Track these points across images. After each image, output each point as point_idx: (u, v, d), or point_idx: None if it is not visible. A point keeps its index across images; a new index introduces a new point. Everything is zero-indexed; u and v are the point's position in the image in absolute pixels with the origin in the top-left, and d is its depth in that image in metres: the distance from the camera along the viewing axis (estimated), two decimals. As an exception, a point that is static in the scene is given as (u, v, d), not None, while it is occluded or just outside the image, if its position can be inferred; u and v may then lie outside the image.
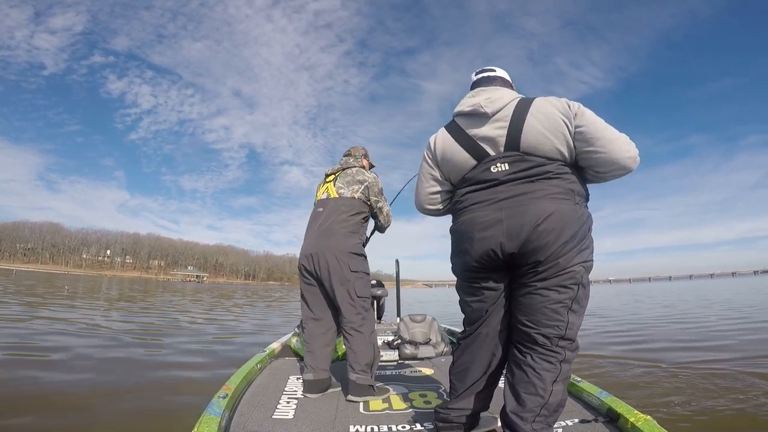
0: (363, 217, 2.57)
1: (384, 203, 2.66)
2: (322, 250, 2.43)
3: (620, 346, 5.84)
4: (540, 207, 1.41)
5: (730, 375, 3.90)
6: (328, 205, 2.54)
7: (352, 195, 2.53)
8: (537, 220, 1.39)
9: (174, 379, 4.02)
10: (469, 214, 1.55)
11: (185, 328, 8.05)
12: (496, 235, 1.45)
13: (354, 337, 2.42)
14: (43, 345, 5.18)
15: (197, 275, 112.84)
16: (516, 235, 1.42)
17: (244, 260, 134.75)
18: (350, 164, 2.66)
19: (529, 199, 1.43)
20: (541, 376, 1.42)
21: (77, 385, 3.63)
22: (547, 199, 1.42)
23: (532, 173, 1.45)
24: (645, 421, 1.69)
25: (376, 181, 2.62)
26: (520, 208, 1.43)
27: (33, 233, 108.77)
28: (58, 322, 7.44)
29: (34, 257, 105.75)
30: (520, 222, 1.41)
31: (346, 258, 2.43)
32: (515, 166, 1.47)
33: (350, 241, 2.47)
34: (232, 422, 1.92)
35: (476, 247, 1.51)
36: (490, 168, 1.51)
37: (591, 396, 2.10)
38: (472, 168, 1.57)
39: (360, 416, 2.07)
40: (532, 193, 1.44)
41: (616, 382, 3.84)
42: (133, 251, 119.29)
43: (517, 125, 1.48)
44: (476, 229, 1.50)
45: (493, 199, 1.49)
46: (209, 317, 10.72)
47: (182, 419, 2.64)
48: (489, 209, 1.49)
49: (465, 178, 1.60)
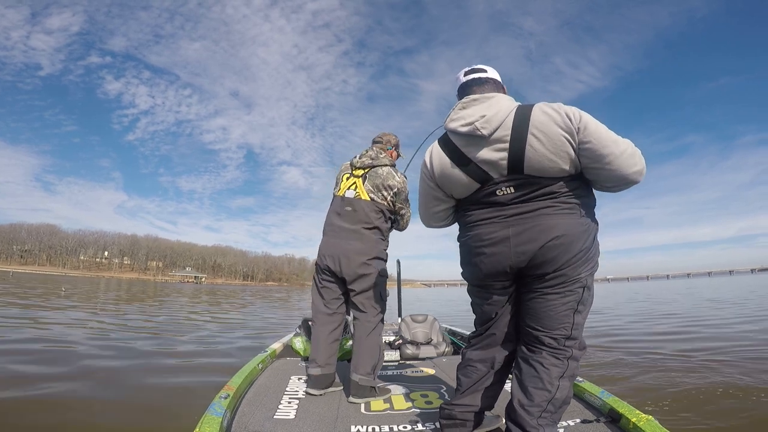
0: (391, 223, 2.61)
1: (407, 210, 2.63)
2: (350, 251, 2.42)
3: (629, 344, 5.85)
4: (547, 224, 1.43)
5: (736, 375, 3.86)
6: (359, 207, 2.48)
7: (383, 200, 2.50)
8: (545, 238, 1.42)
9: (174, 380, 4.01)
10: (477, 230, 1.58)
11: (185, 328, 8.03)
12: (504, 252, 1.49)
13: (367, 337, 2.43)
14: (40, 347, 5.15)
15: (195, 276, 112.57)
16: (524, 252, 1.45)
17: (243, 261, 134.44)
18: (381, 161, 2.54)
19: (536, 216, 1.45)
20: (549, 371, 1.47)
21: (77, 385, 3.62)
22: (554, 215, 1.44)
23: (539, 194, 1.46)
24: (647, 421, 1.70)
25: (405, 187, 2.57)
26: (527, 225, 1.45)
27: (30, 235, 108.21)
28: (56, 325, 7.40)
29: (31, 259, 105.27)
30: (528, 239, 1.44)
31: (374, 263, 2.46)
32: (521, 189, 1.47)
33: (378, 246, 2.50)
34: (233, 422, 1.92)
35: (486, 261, 1.55)
36: (495, 191, 1.52)
37: (593, 396, 2.10)
38: (476, 190, 1.57)
39: (361, 416, 2.07)
40: (539, 210, 1.46)
41: (616, 382, 3.83)
42: (130, 252, 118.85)
43: (519, 146, 1.44)
44: (485, 245, 1.54)
45: (500, 216, 1.51)
46: (211, 317, 10.71)
47: (183, 419, 2.65)
48: (496, 226, 1.52)
49: (469, 198, 1.61)
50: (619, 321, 9.28)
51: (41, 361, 4.39)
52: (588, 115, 1.44)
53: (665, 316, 9.85)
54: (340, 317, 2.56)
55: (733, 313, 9.75)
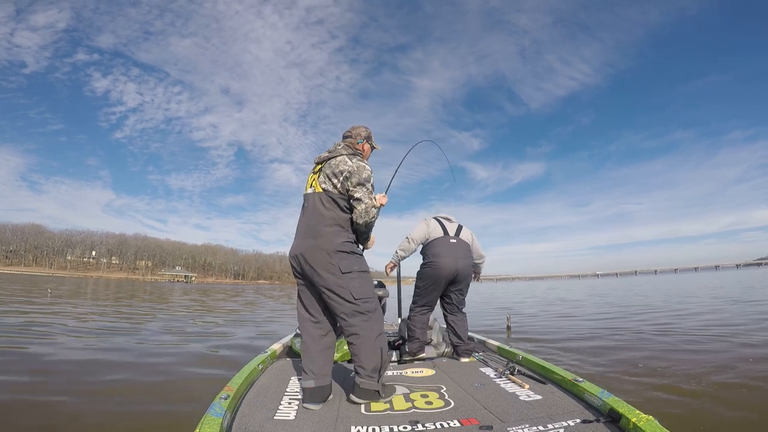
0: (350, 212, 2.39)
1: (363, 194, 2.31)
2: (308, 250, 2.28)
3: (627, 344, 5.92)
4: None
5: (739, 374, 3.89)
6: (312, 200, 2.37)
7: (334, 187, 2.33)
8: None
9: (175, 380, 4.01)
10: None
11: (184, 328, 7.98)
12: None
13: (357, 342, 2.28)
14: (36, 350, 5.09)
15: (185, 275, 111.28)
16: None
17: (233, 259, 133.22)
18: (338, 152, 2.42)
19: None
20: (465, 319, 3.56)
21: (78, 386, 3.60)
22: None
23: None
24: (647, 421, 1.71)
25: (360, 169, 2.33)
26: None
27: (15, 235, 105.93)
28: (43, 325, 7.29)
29: (17, 259, 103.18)
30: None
31: (335, 258, 2.26)
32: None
33: (337, 239, 2.29)
34: (233, 423, 1.92)
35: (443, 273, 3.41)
36: (450, 239, 3.49)
37: (593, 396, 2.12)
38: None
39: (361, 417, 2.08)
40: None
41: (618, 381, 3.86)
42: (119, 252, 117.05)
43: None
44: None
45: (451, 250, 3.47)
46: (207, 317, 10.65)
47: (184, 420, 2.65)
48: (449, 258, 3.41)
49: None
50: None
51: (40, 361, 4.33)
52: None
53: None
54: (328, 323, 2.41)
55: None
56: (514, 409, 2.12)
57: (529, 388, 2.41)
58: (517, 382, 2.53)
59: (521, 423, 1.92)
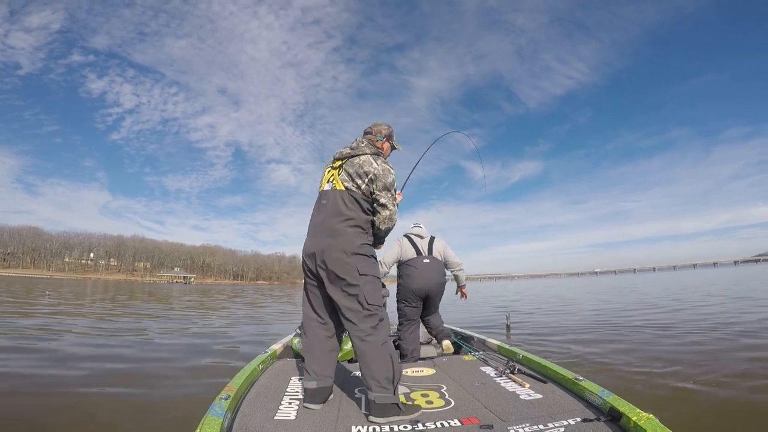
0: (372, 215, 2.33)
1: (387, 200, 2.28)
2: (325, 249, 2.19)
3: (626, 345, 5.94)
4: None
5: (740, 372, 3.88)
6: (332, 198, 2.27)
7: (357, 189, 2.25)
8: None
9: (175, 380, 4.00)
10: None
11: (184, 329, 7.96)
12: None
13: (366, 348, 2.13)
14: (35, 350, 5.07)
15: (184, 276, 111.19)
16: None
17: (232, 260, 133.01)
18: (361, 150, 2.33)
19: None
20: (438, 315, 3.91)
21: (78, 387, 3.59)
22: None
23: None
24: (647, 419, 1.71)
25: (386, 173, 2.27)
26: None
27: (12, 237, 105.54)
28: (41, 329, 7.26)
29: (15, 262, 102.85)
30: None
31: (353, 260, 2.18)
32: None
33: (357, 241, 2.22)
34: (234, 423, 1.92)
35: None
36: (423, 260, 3.69)
37: (593, 395, 2.11)
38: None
39: (362, 417, 2.08)
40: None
41: (618, 380, 3.86)
42: (117, 253, 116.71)
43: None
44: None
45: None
46: (207, 317, 10.65)
47: (184, 420, 2.64)
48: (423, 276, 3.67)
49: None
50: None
51: (39, 363, 4.33)
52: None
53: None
54: (334, 324, 2.34)
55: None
56: (515, 408, 2.12)
57: (529, 387, 2.41)
58: (518, 381, 2.53)
59: (522, 422, 1.92)
